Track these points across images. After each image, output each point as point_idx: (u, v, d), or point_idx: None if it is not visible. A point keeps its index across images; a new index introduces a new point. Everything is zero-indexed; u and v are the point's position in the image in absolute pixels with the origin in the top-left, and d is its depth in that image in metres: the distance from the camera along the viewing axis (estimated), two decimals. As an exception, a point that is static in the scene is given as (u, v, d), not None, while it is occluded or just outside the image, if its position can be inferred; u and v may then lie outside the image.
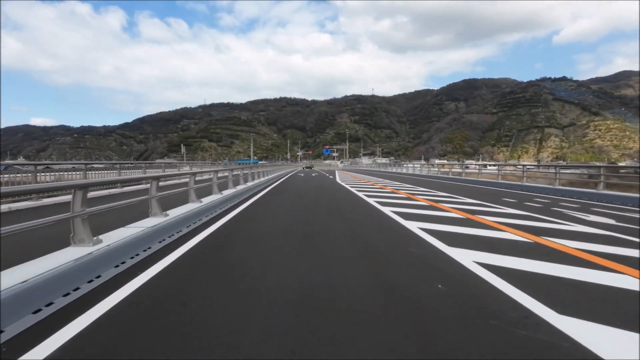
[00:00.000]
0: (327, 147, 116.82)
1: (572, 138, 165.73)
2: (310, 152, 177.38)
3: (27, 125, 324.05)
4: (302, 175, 31.57)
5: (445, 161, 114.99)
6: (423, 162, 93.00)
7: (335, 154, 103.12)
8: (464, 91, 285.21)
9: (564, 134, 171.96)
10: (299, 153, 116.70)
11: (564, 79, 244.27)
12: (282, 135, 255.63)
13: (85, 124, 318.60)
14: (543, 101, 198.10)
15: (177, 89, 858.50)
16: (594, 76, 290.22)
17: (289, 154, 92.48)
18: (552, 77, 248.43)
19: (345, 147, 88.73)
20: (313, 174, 33.12)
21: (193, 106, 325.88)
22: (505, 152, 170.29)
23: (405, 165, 41.99)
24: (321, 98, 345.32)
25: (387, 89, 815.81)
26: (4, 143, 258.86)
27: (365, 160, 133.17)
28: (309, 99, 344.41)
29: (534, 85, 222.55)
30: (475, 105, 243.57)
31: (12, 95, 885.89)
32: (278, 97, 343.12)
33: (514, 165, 32.15)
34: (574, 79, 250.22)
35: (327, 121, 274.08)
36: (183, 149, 38.60)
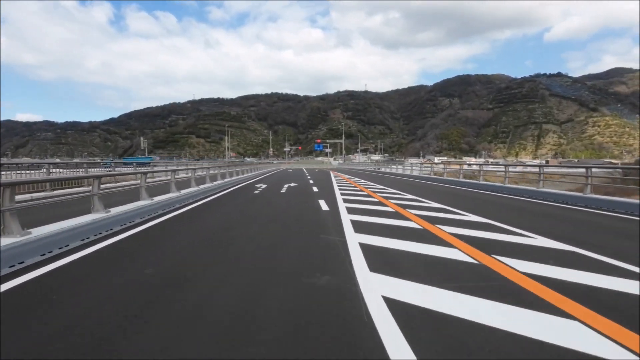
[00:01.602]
0: (319, 141, 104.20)
1: (570, 134, 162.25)
2: (300, 147, 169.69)
3: (9, 121, 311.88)
4: (260, 190, 14.64)
5: (447, 158, 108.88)
6: (421, 159, 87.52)
7: (328, 150, 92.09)
8: (458, 87, 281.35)
9: (561, 130, 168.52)
10: (287, 149, 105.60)
11: (559, 75, 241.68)
12: (273, 132, 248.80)
13: (70, 120, 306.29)
14: (540, 97, 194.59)
15: (167, 84, 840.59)
16: (583, 74, 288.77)
17: (271, 150, 78.27)
18: (544, 73, 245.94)
19: (341, 141, 76.66)
20: (283, 189, 14.54)
21: (182, 101, 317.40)
22: (503, 149, 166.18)
23: (409, 163, 36.82)
24: (313, 94, 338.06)
25: (379, 86, 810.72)
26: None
27: (358, 158, 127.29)
28: (301, 94, 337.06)
29: (530, 81, 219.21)
30: (470, 101, 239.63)
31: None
32: (269, 92, 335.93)
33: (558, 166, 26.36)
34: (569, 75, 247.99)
35: (319, 117, 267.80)
36: (144, 144, 31.35)
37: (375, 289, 3.26)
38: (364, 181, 19.88)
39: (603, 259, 4.29)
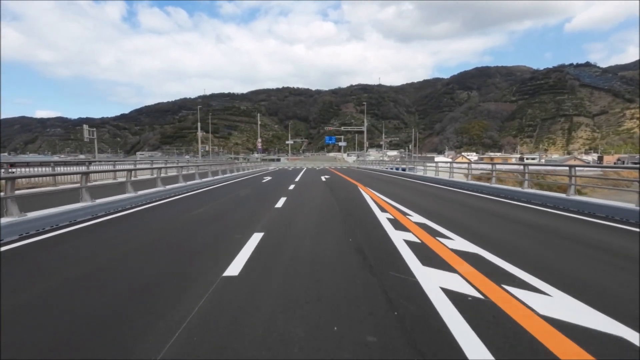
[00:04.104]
0: (330, 128, 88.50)
1: (604, 127, 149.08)
2: (307, 140, 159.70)
3: (25, 117, 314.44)
4: None
5: (476, 154, 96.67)
6: (447, 156, 78.36)
7: (342, 143, 79.14)
8: (477, 79, 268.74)
9: (594, 123, 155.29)
10: (290, 142, 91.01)
11: (587, 64, 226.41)
12: (284, 127, 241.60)
13: (84, 116, 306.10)
14: (569, 87, 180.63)
15: (179, 80, 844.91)
16: (607, 65, 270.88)
17: (259, 141, 58.38)
18: (570, 64, 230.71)
19: (362, 128, 59.56)
20: None
21: (193, 97, 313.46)
22: (529, 144, 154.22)
23: (433, 162, 28.57)
24: (325, 89, 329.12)
25: (392, 80, 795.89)
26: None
27: (373, 154, 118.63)
28: (313, 89, 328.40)
29: (557, 71, 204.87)
30: (492, 93, 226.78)
31: (16, 87, 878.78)
32: (280, 87, 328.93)
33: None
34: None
35: (331, 111, 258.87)
36: (88, 134, 24.01)
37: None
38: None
39: None
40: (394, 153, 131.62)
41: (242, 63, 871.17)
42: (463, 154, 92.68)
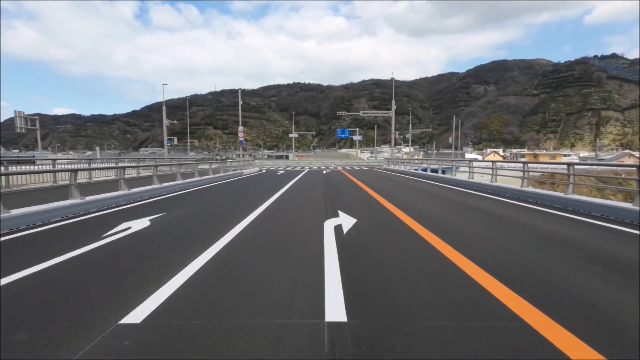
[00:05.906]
0: (344, 114, 74.51)
1: (636, 122, 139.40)
2: (317, 136, 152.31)
3: (38, 114, 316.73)
4: None
5: (503, 151, 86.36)
6: (472, 152, 71.70)
7: (357, 137, 68.34)
8: (494, 73, 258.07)
9: (625, 117, 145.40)
10: (294, 135, 76.73)
11: (613, 56, 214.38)
12: (295, 122, 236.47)
13: (97, 113, 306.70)
14: (596, 80, 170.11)
15: (190, 77, 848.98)
16: (630, 58, 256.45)
17: (241, 129, 43.46)
18: (594, 55, 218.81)
19: (390, 113, 44.69)
20: None
21: (203, 93, 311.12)
22: (553, 140, 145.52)
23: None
24: (336, 84, 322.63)
25: (404, 75, 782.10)
26: (11, 132, 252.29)
27: (387, 151, 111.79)
28: (324, 84, 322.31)
29: (581, 63, 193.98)
30: (511, 87, 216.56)
31: (32, 85, 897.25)
32: (291, 82, 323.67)
33: None
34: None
35: (343, 107, 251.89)
36: (20, 121, 19.40)
37: None
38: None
39: None
40: (407, 149, 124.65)
41: (253, 59, 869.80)
42: (490, 150, 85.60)
